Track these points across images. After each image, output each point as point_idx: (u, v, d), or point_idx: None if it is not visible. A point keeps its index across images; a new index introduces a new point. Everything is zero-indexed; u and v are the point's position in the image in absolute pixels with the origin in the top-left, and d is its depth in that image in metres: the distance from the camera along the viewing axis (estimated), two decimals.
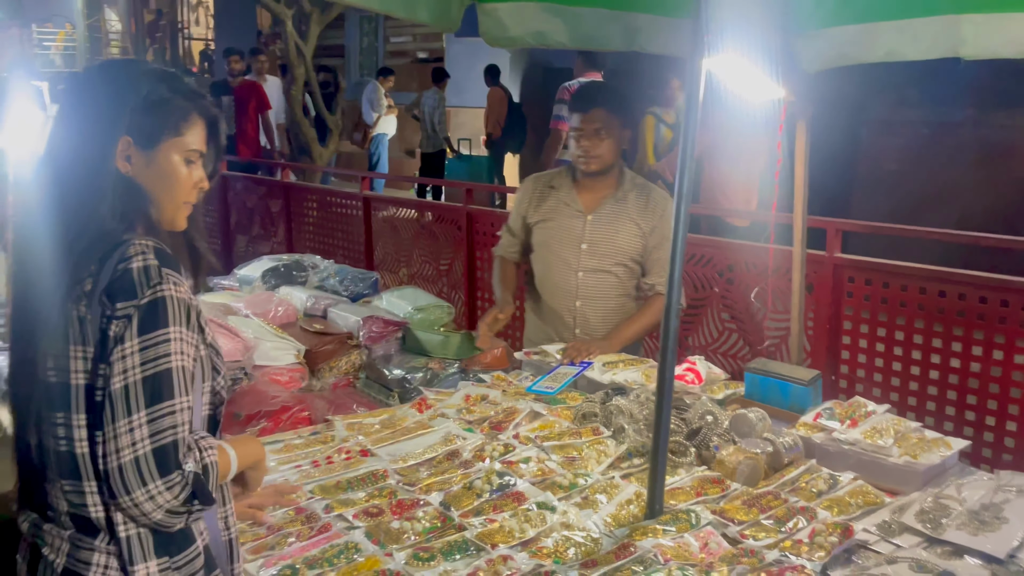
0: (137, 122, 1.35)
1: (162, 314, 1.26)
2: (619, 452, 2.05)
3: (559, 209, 2.81)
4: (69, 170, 1.34)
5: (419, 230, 4.83)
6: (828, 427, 2.04)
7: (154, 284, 1.26)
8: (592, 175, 2.75)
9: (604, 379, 2.45)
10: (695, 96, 1.66)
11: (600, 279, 2.78)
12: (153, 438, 1.23)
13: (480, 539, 1.62)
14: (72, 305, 1.27)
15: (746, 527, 1.70)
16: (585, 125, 2.67)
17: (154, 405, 1.24)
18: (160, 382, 1.25)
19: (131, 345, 1.24)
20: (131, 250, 1.28)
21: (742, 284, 3.36)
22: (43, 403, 1.32)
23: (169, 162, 1.38)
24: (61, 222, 1.32)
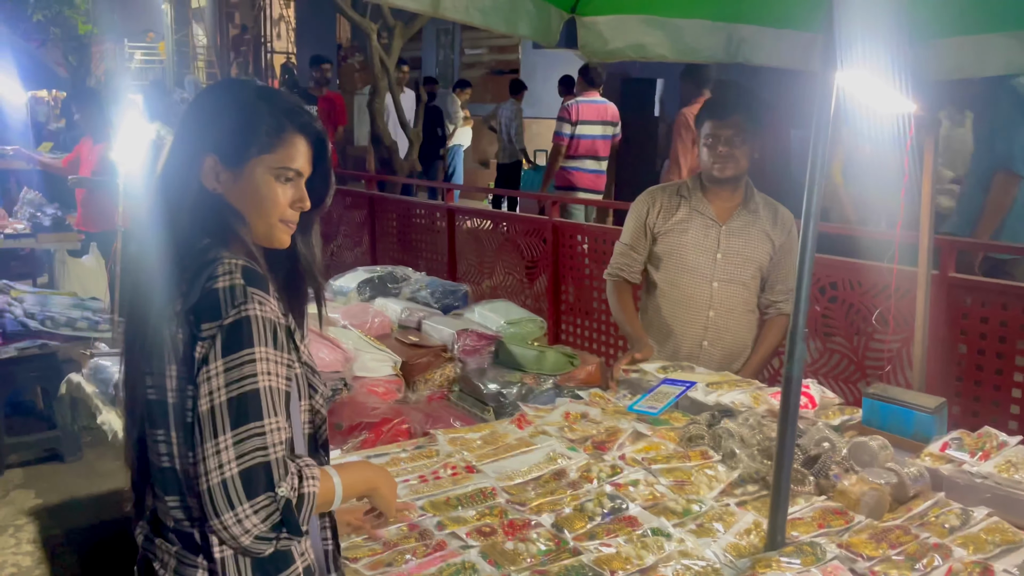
0: (224, 141, 1.35)
1: (246, 334, 1.23)
2: (731, 478, 1.98)
3: (693, 218, 2.76)
4: (165, 189, 1.37)
5: (503, 242, 4.82)
6: (957, 458, 1.93)
7: (238, 304, 1.25)
8: (723, 183, 2.71)
9: (709, 400, 2.38)
10: (826, 111, 1.59)
11: (733, 290, 2.74)
12: (240, 460, 1.20)
13: (598, 564, 1.58)
14: (167, 324, 1.28)
15: (876, 563, 1.61)
16: (721, 131, 2.63)
17: (240, 426, 1.21)
18: (246, 403, 1.22)
19: (215, 366, 1.22)
20: (219, 269, 1.27)
21: (847, 304, 3.23)
22: (147, 418, 1.33)
23: (257, 180, 1.36)
24: (160, 239, 1.34)
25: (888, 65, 1.81)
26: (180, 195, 1.35)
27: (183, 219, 1.34)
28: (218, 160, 1.35)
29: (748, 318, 2.75)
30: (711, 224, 2.74)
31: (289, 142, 1.37)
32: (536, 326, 3.14)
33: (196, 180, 1.35)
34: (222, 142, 1.35)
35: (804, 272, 1.64)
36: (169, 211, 1.35)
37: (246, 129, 1.35)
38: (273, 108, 1.38)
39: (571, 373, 2.82)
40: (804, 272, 1.64)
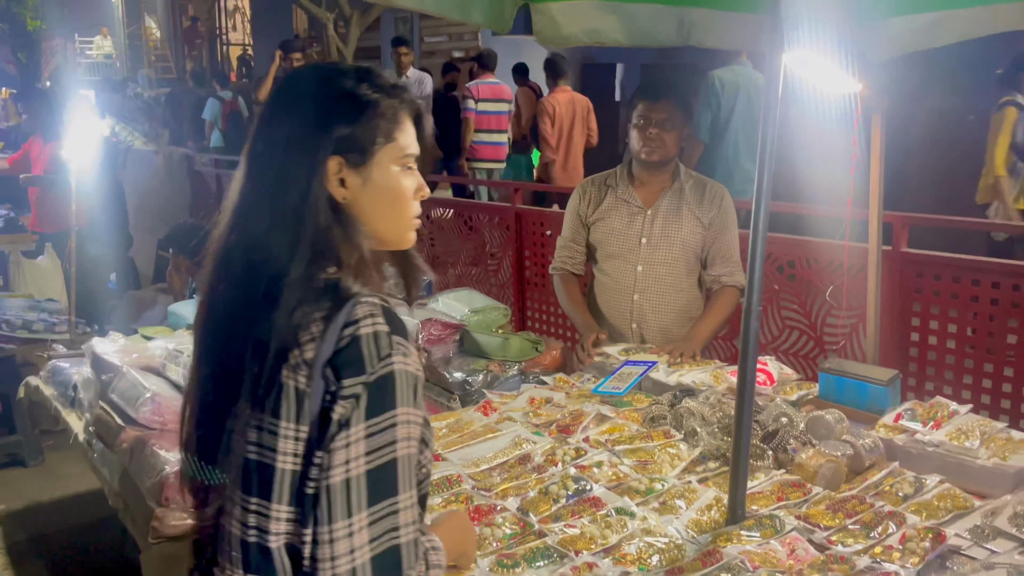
0: (344, 136, 1.14)
1: (391, 393, 1.05)
2: (693, 456, 2.01)
3: (617, 206, 2.80)
4: (274, 208, 1.13)
5: (467, 231, 4.82)
6: (910, 428, 1.98)
7: (384, 356, 1.06)
8: (651, 167, 2.74)
9: (670, 380, 2.42)
10: (775, 92, 1.62)
11: (660, 273, 2.77)
12: (372, 544, 1.04)
13: (562, 545, 1.60)
14: (289, 374, 1.07)
15: (833, 533, 1.66)
16: (653, 114, 2.67)
17: (377, 503, 1.04)
18: (385, 476, 1.05)
19: (357, 431, 1.03)
20: (359, 311, 1.07)
21: (804, 281, 3.29)
22: (234, 481, 1.12)
23: (388, 175, 1.18)
24: (269, 269, 1.11)
25: (834, 45, 1.84)
26: (301, 214, 1.12)
27: (303, 243, 1.11)
28: (344, 161, 1.15)
29: (679, 299, 2.79)
30: (636, 211, 2.78)
31: (404, 123, 1.20)
32: (500, 313, 3.15)
33: (322, 191, 1.13)
34: (342, 139, 1.14)
35: (756, 252, 1.67)
36: (284, 234, 1.11)
37: (366, 117, 1.15)
38: (380, 88, 1.18)
39: (536, 359, 2.83)
40: (756, 252, 1.67)
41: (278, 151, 1.14)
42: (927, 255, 2.94)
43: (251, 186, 1.16)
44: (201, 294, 1.21)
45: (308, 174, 1.13)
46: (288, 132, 1.14)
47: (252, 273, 1.12)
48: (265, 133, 1.17)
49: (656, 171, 2.76)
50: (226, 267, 1.16)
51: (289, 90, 1.19)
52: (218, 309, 1.17)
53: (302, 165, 1.13)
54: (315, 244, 1.12)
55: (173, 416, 2.32)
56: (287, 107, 1.17)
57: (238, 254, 1.15)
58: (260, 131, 1.17)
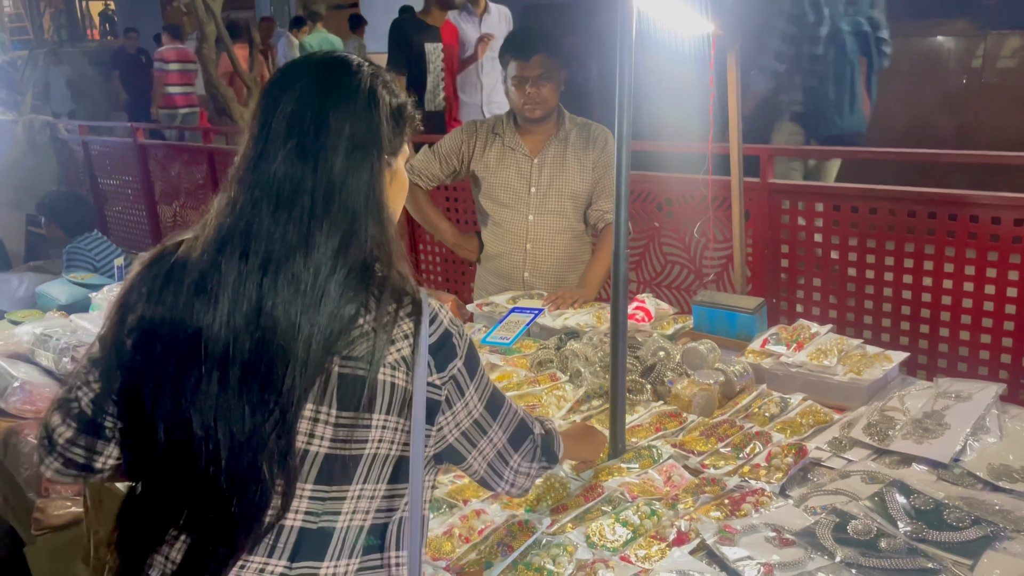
0: (389, 132, 1.17)
1: (475, 354, 1.26)
2: (578, 396, 2.09)
3: (505, 156, 2.81)
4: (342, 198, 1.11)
5: None
6: (776, 352, 2.10)
7: (462, 335, 1.23)
8: (536, 121, 2.74)
9: (556, 324, 2.48)
10: (628, 34, 1.65)
11: (550, 221, 2.81)
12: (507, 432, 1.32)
13: (451, 496, 1.64)
14: (386, 371, 1.12)
15: (706, 457, 1.76)
16: (527, 72, 2.65)
17: (498, 415, 1.30)
18: (495, 397, 1.29)
19: (470, 394, 1.23)
20: (434, 305, 1.19)
21: (682, 217, 3.40)
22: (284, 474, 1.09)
23: (403, 174, 1.25)
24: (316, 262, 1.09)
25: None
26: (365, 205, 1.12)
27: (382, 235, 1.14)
28: (387, 158, 1.18)
29: (570, 246, 2.84)
30: (524, 159, 2.80)
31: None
32: None
33: (380, 184, 1.15)
34: (389, 134, 1.17)
35: (621, 195, 1.71)
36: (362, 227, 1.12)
37: (400, 115, 1.20)
38: (399, 89, 1.22)
39: None
40: (621, 195, 1.71)
41: (340, 141, 1.12)
42: (790, 184, 3.08)
43: (305, 173, 1.10)
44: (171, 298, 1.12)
45: (370, 165, 1.14)
46: (350, 128, 1.13)
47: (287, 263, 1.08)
48: (316, 121, 1.12)
49: (542, 121, 2.77)
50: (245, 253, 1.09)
51: (334, 80, 1.15)
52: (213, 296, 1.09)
53: (367, 158, 1.14)
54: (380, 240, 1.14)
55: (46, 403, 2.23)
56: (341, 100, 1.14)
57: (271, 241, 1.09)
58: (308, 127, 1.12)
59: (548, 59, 2.64)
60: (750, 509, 1.55)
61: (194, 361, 1.08)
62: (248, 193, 1.12)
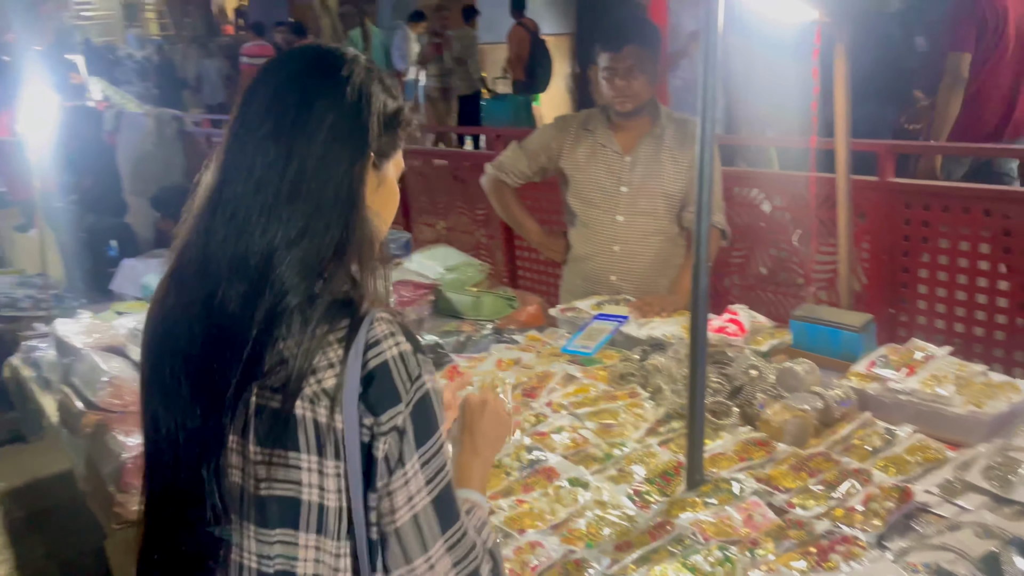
0: (380, 133, 1.08)
1: (431, 415, 1.00)
2: (658, 416, 1.94)
3: (596, 152, 2.68)
4: (309, 196, 1.02)
5: (451, 181, 4.70)
6: (883, 376, 1.89)
7: (416, 378, 0.99)
8: (627, 115, 2.60)
9: (641, 334, 2.33)
10: (714, 22, 1.48)
11: (641, 222, 2.66)
12: (458, 568, 1.01)
13: (508, 524, 1.54)
14: (304, 405, 0.97)
15: (794, 495, 1.58)
16: (617, 64, 2.52)
17: (447, 531, 1.00)
18: (446, 499, 1.01)
19: (412, 465, 0.98)
20: (379, 330, 0.98)
21: (790, 219, 3.16)
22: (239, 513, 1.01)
23: (393, 181, 1.14)
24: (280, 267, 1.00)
25: None
26: (338, 204, 1.03)
27: (332, 237, 1.02)
28: (374, 159, 1.08)
29: (661, 250, 2.68)
30: (615, 156, 2.65)
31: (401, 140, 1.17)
32: (476, 270, 3.06)
33: (359, 183, 1.05)
34: (379, 135, 1.07)
35: (702, 197, 1.55)
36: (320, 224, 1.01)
37: (396, 118, 1.11)
38: (398, 92, 1.14)
39: (511, 315, 2.76)
40: (702, 197, 1.55)
41: (320, 130, 1.03)
42: (916, 184, 2.79)
43: (278, 156, 1.02)
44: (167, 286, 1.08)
45: (350, 162, 1.04)
46: (333, 117, 1.04)
47: (251, 269, 1.00)
48: (297, 114, 1.04)
49: (632, 117, 2.62)
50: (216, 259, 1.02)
51: (324, 69, 1.07)
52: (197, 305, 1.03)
53: (345, 152, 1.04)
54: (342, 240, 1.02)
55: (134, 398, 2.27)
56: (326, 90, 1.05)
57: (239, 245, 1.01)
58: (288, 111, 1.04)
59: (640, 50, 2.49)
60: (840, 561, 1.37)
61: (167, 357, 1.05)
62: (222, 174, 1.05)
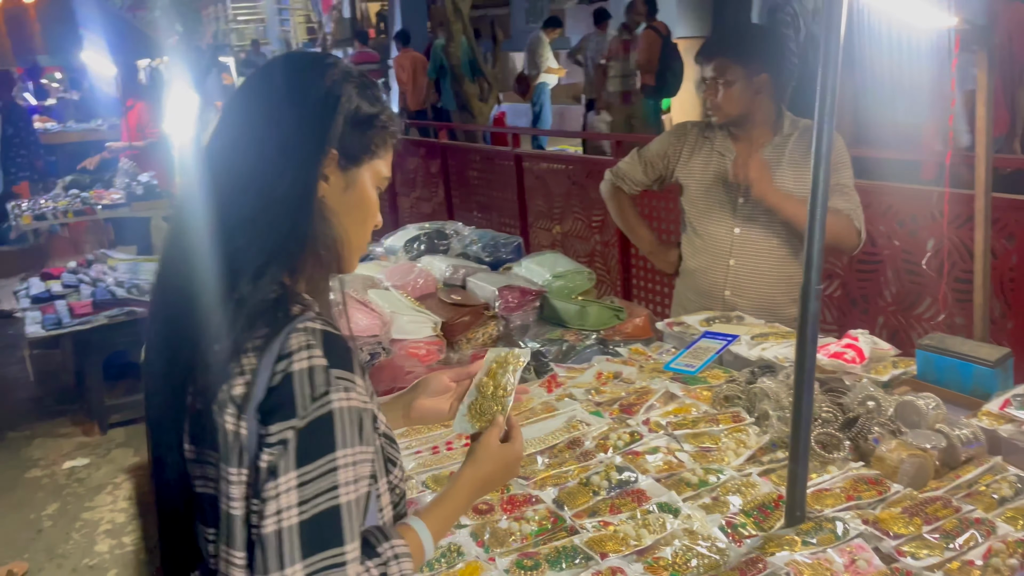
0: (345, 133, 1.08)
1: (328, 436, 0.95)
2: (762, 443, 1.84)
3: (713, 161, 2.60)
4: (263, 189, 1.03)
5: (570, 186, 4.67)
6: (1018, 418, 1.71)
7: (320, 395, 0.95)
8: (731, 125, 2.53)
9: (752, 355, 2.22)
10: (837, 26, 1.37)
11: (759, 235, 2.54)
12: None
13: (590, 546, 1.49)
14: (219, 411, 0.97)
15: (905, 542, 1.45)
16: (706, 74, 2.49)
17: (313, 555, 0.94)
18: (322, 526, 0.94)
19: (287, 480, 0.93)
20: (294, 341, 0.97)
21: (929, 237, 2.93)
22: (196, 508, 1.07)
23: (366, 188, 1.12)
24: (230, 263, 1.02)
25: None
26: (285, 204, 1.03)
27: (278, 233, 1.02)
28: (337, 158, 1.08)
29: (780, 265, 2.54)
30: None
31: (390, 146, 1.16)
32: (584, 278, 3.01)
33: (314, 181, 1.05)
34: (345, 134, 1.08)
35: (816, 216, 1.45)
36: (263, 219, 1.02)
37: (367, 123, 1.11)
38: (382, 102, 1.15)
39: (618, 327, 2.69)
40: (816, 216, 1.45)
41: (282, 129, 1.05)
42: None
43: (236, 156, 1.06)
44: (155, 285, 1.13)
45: (307, 158, 1.05)
46: (296, 113, 1.06)
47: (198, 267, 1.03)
48: (265, 108, 1.07)
49: (745, 126, 2.52)
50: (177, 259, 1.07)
51: (294, 71, 1.10)
52: (168, 306, 1.08)
53: (303, 147, 1.05)
54: (289, 237, 1.03)
55: None
56: (295, 88, 1.08)
57: (195, 240, 1.04)
58: (256, 110, 1.08)
59: (729, 63, 2.43)
60: None
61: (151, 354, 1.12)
62: (198, 174, 1.10)
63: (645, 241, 2.87)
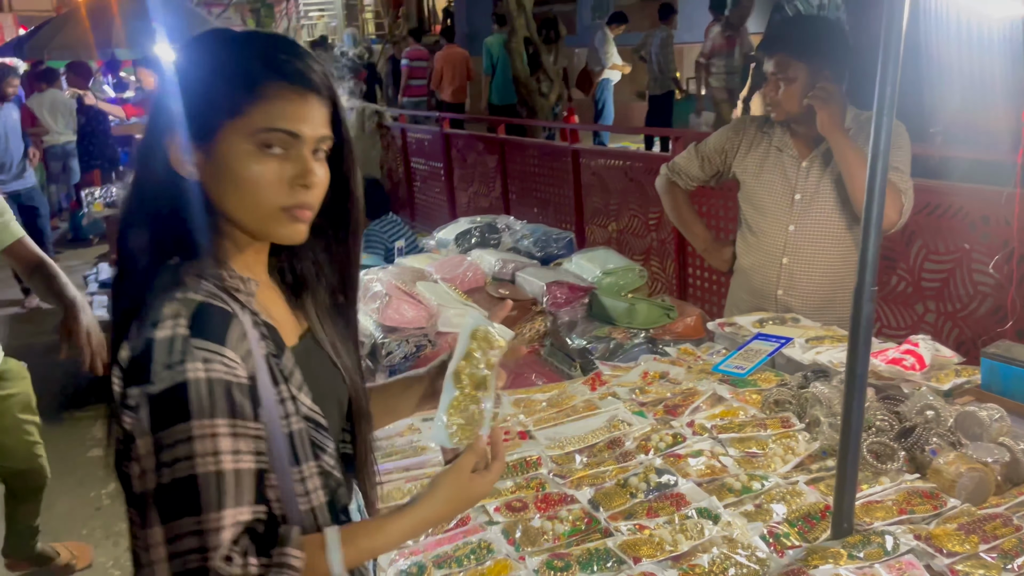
0: (190, 109, 1.03)
1: (181, 405, 0.94)
2: (811, 450, 1.76)
3: (771, 156, 2.52)
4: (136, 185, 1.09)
5: (627, 183, 4.60)
6: None
7: (173, 364, 0.95)
8: (793, 121, 2.44)
9: (805, 359, 2.13)
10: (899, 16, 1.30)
11: (813, 232, 2.46)
12: (173, 563, 0.94)
13: (623, 549, 1.45)
14: (112, 372, 1.00)
15: (959, 560, 1.37)
16: (768, 68, 2.40)
17: (172, 521, 0.94)
18: (179, 493, 0.94)
19: (144, 444, 0.95)
20: (166, 310, 0.98)
21: (1002, 241, 2.79)
22: None
23: (231, 154, 1.03)
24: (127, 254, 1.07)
25: None
26: (146, 191, 1.07)
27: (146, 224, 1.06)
28: (183, 136, 1.04)
29: (835, 265, 2.45)
30: (791, 161, 2.47)
31: (269, 96, 1.03)
32: (636, 275, 2.96)
33: (163, 167, 1.05)
34: (189, 112, 1.03)
35: (872, 214, 1.38)
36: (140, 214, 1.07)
37: (208, 88, 1.03)
38: (242, 54, 1.04)
39: (668, 326, 2.63)
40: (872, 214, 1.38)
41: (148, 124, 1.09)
42: None
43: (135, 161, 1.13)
44: None
45: (153, 147, 1.06)
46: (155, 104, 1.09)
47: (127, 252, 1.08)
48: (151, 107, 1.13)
49: (805, 122, 2.43)
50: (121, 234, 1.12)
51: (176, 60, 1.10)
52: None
53: (151, 138, 1.07)
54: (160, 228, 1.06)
55: None
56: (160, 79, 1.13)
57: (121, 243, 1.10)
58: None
59: (789, 60, 2.34)
60: None
61: None
62: None
63: (699, 238, 2.80)
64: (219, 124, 1.03)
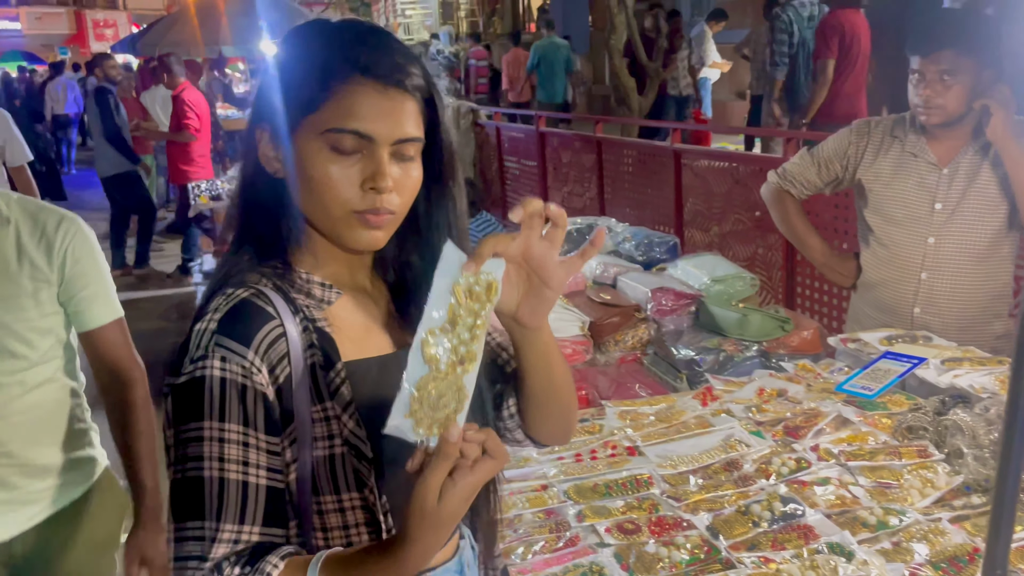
0: (275, 103, 0.99)
1: (196, 402, 0.91)
2: (953, 484, 1.60)
3: (905, 162, 2.33)
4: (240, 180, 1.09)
5: (732, 185, 4.42)
6: None
7: (198, 358, 0.93)
8: (939, 127, 2.24)
9: (942, 381, 1.96)
10: None
11: (957, 247, 2.27)
12: (177, 564, 0.91)
13: None
14: None
15: None
16: (926, 69, 2.18)
17: (180, 520, 0.92)
18: (186, 492, 0.91)
19: (170, 435, 0.94)
20: (212, 304, 0.98)
21: None
22: None
23: (306, 152, 0.97)
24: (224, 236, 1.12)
25: None
26: (241, 185, 1.07)
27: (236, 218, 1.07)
28: (270, 133, 1.01)
29: (981, 281, 2.26)
30: (929, 168, 2.26)
31: (344, 91, 0.95)
32: (746, 284, 2.81)
33: (253, 162, 1.03)
34: (272, 106, 1.00)
35: None
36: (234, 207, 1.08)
37: (290, 81, 0.99)
38: (327, 45, 0.98)
39: (782, 339, 2.48)
40: None
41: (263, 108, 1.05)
42: None
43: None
44: None
45: (247, 143, 1.05)
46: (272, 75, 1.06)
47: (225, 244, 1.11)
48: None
49: (953, 125, 2.24)
50: None
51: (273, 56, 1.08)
52: None
53: (245, 134, 1.06)
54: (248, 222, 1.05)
55: None
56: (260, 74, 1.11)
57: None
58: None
59: (959, 57, 2.13)
60: None
61: None
62: None
63: (817, 251, 2.62)
64: (298, 120, 0.98)
